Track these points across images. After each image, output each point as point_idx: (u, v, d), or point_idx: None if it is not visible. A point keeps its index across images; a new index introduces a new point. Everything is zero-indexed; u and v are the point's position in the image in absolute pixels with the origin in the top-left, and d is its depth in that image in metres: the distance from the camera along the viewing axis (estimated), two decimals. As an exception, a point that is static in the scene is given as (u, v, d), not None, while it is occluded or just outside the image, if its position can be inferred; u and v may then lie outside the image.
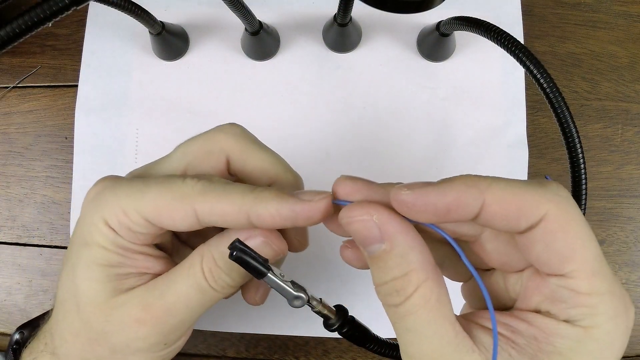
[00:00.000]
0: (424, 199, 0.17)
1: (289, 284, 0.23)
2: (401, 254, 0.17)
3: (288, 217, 0.20)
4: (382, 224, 0.17)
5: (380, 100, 0.37)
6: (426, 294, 0.17)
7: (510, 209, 0.16)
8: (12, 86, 0.40)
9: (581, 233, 0.16)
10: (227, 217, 0.20)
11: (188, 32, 0.38)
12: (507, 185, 0.16)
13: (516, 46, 0.27)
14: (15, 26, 0.17)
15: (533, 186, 0.17)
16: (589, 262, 0.16)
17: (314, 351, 0.37)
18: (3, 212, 0.39)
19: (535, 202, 0.16)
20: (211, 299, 0.22)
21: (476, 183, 0.16)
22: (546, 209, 0.16)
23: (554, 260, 0.17)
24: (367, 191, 0.18)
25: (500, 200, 0.16)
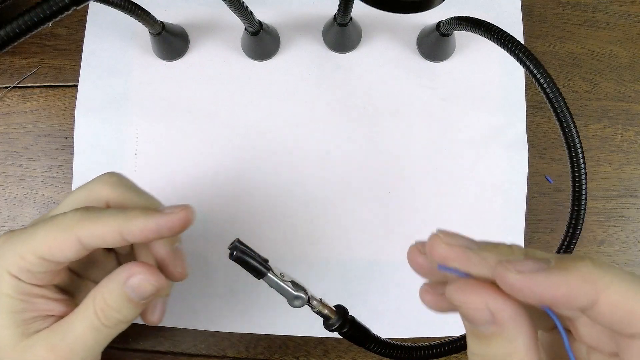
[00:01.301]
0: (532, 287, 0.15)
1: (289, 284, 0.23)
2: (509, 338, 0.16)
3: (154, 229, 0.23)
4: (496, 311, 0.16)
5: (380, 100, 0.37)
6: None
7: (622, 314, 0.15)
8: (12, 86, 0.40)
9: None
10: (105, 237, 0.23)
11: (188, 32, 0.38)
12: (626, 288, 0.15)
13: (516, 46, 0.27)
14: (15, 26, 0.17)
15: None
16: None
17: (314, 351, 0.37)
18: (3, 212, 0.39)
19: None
20: (106, 336, 0.24)
21: (594, 279, 0.15)
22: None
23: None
24: (467, 261, 0.17)
25: (615, 303, 0.15)
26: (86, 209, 0.24)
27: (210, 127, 0.37)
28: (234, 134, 0.37)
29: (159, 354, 0.37)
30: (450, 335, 0.29)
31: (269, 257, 0.24)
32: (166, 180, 0.37)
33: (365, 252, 0.36)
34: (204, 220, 0.37)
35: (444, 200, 0.37)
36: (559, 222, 0.37)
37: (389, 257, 0.36)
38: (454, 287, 0.17)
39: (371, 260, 0.36)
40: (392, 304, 0.36)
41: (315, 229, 0.37)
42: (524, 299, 0.16)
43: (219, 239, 0.37)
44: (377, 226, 0.36)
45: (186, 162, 0.37)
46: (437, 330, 0.36)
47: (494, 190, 0.36)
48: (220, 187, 0.37)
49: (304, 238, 0.36)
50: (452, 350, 0.27)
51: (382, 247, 0.36)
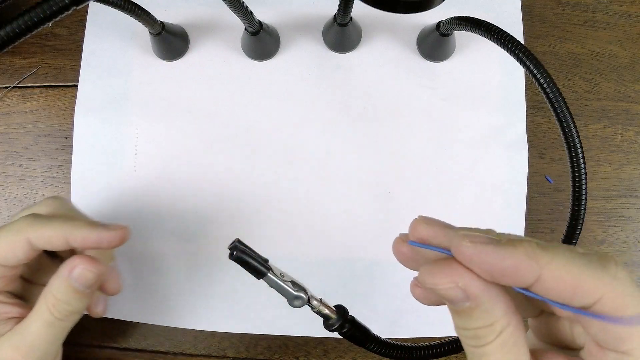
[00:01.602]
0: (481, 257, 0.17)
1: (289, 284, 0.23)
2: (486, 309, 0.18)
3: (95, 239, 0.27)
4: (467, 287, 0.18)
5: (380, 100, 0.37)
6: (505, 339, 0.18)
7: (565, 288, 0.16)
8: (12, 86, 0.40)
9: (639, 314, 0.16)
10: (52, 240, 0.27)
11: (188, 32, 0.38)
12: (567, 262, 0.16)
13: (516, 46, 0.27)
14: (15, 26, 0.17)
15: (592, 267, 0.16)
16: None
17: (314, 351, 0.37)
18: (3, 212, 0.39)
19: (592, 284, 0.16)
20: (62, 329, 0.27)
21: (537, 256, 0.17)
22: (602, 293, 0.16)
23: (610, 341, 0.17)
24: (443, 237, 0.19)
25: (557, 278, 0.16)
26: (35, 216, 0.27)
27: (210, 127, 0.37)
28: (234, 134, 0.37)
29: (159, 354, 0.38)
30: (450, 335, 0.29)
31: (269, 257, 0.24)
32: (166, 180, 0.37)
33: (365, 252, 0.36)
34: (204, 220, 0.37)
35: (444, 200, 0.37)
36: (559, 222, 0.37)
37: (389, 257, 0.36)
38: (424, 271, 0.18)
39: (371, 260, 0.36)
40: (392, 304, 0.36)
41: (316, 229, 0.37)
42: (477, 270, 0.17)
43: (219, 239, 0.37)
44: (377, 226, 0.36)
45: (186, 162, 0.37)
46: (437, 330, 0.36)
47: (494, 190, 0.36)
48: (220, 187, 0.37)
49: (304, 238, 0.36)
50: (452, 350, 0.27)
51: (382, 247, 0.36)
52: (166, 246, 0.37)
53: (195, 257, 0.37)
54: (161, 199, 0.37)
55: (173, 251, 0.37)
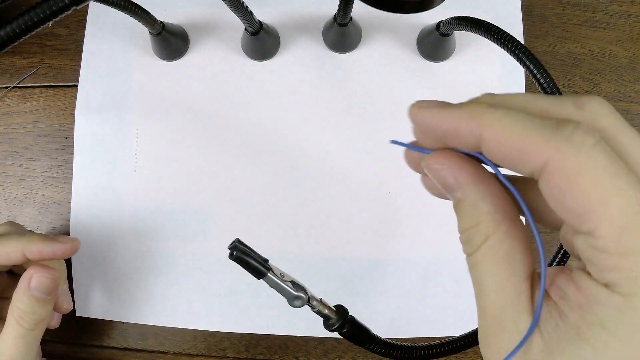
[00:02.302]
0: (424, 119, 0.16)
1: (289, 284, 0.23)
2: (472, 203, 0.16)
3: (50, 252, 0.30)
4: (455, 173, 0.17)
5: (380, 100, 0.37)
6: (494, 247, 0.16)
7: (507, 151, 0.15)
8: (12, 86, 0.40)
9: (596, 184, 0.13)
10: (10, 255, 0.29)
11: (188, 32, 0.38)
12: (513, 122, 0.14)
13: (516, 46, 0.27)
14: (15, 26, 0.17)
15: (542, 127, 0.14)
16: (613, 218, 0.13)
17: (314, 351, 0.37)
18: (3, 212, 0.39)
19: (535, 147, 0.14)
20: (34, 337, 0.30)
21: (480, 115, 0.15)
22: (546, 157, 0.14)
23: (570, 217, 0.14)
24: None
25: (498, 139, 0.15)
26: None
27: (211, 127, 0.37)
28: (234, 133, 0.37)
29: (159, 354, 0.38)
30: (450, 335, 0.29)
31: (269, 257, 0.24)
32: (166, 180, 0.37)
33: (365, 252, 0.36)
34: (204, 220, 0.37)
35: (443, 200, 0.36)
36: (559, 222, 0.37)
37: (389, 257, 0.36)
38: (426, 158, 0.18)
39: (371, 260, 0.36)
40: (392, 304, 0.36)
41: (316, 229, 0.37)
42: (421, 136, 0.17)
43: (219, 239, 0.37)
44: (377, 226, 0.36)
45: (186, 162, 0.37)
46: (437, 330, 0.36)
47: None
48: (220, 187, 0.37)
49: (304, 238, 0.36)
50: (452, 350, 0.27)
51: (382, 247, 0.36)
52: (166, 246, 0.37)
53: (195, 257, 0.37)
54: (161, 199, 0.37)
55: (173, 251, 0.37)
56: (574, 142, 0.14)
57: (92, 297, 0.37)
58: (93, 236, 0.37)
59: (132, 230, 0.37)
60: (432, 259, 0.36)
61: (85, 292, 0.37)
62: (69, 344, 0.38)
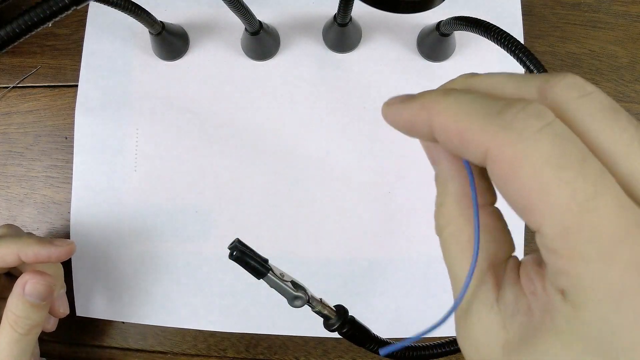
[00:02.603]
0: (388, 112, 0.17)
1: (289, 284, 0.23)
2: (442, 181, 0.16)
3: (45, 255, 0.30)
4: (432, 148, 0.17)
5: (380, 100, 0.37)
6: (456, 231, 0.16)
7: (451, 139, 0.14)
8: (12, 86, 0.40)
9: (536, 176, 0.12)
10: (5, 258, 0.29)
11: (188, 32, 0.38)
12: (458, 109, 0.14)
13: (516, 46, 0.27)
14: (15, 26, 0.17)
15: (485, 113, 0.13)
16: (556, 215, 0.12)
17: (314, 351, 0.37)
18: (3, 212, 0.39)
19: (474, 133, 0.13)
20: (28, 342, 0.30)
21: (431, 105, 0.14)
22: (485, 145, 0.13)
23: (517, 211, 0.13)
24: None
25: (443, 127, 0.14)
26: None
27: (210, 127, 0.37)
28: (234, 133, 0.37)
29: (159, 354, 0.38)
30: (450, 335, 0.29)
31: (269, 257, 0.24)
32: (166, 180, 0.37)
33: (365, 252, 0.36)
34: (204, 220, 0.37)
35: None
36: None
37: (389, 257, 0.36)
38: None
39: (371, 260, 0.36)
40: (392, 304, 0.36)
41: (316, 229, 0.37)
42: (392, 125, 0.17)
43: (219, 239, 0.37)
44: (377, 226, 0.36)
45: (186, 162, 0.37)
46: (437, 330, 0.36)
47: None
48: (220, 187, 0.37)
49: (304, 238, 0.36)
50: (452, 350, 0.27)
51: (382, 247, 0.36)
52: (166, 246, 0.37)
53: (195, 257, 0.37)
54: (161, 199, 0.37)
55: (173, 251, 0.37)
56: (513, 128, 0.12)
57: (92, 297, 0.37)
58: (93, 236, 0.37)
59: (132, 230, 0.37)
60: (432, 259, 0.36)
61: (85, 292, 0.37)
62: (69, 344, 0.38)
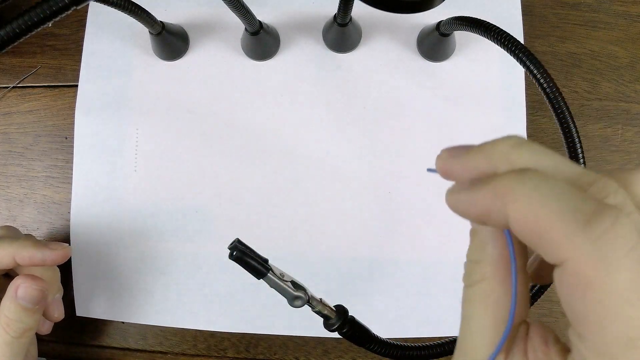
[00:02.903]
0: (458, 204, 0.16)
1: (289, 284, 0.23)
2: (481, 242, 0.17)
3: (40, 258, 0.30)
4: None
5: (380, 100, 0.37)
6: (487, 290, 0.16)
7: (529, 234, 0.13)
8: (12, 86, 0.40)
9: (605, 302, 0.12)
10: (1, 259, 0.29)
11: (188, 32, 0.38)
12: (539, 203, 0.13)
13: (516, 46, 0.27)
14: (15, 26, 0.17)
15: (571, 216, 0.12)
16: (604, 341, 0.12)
17: (314, 351, 0.37)
18: (3, 212, 0.39)
19: (557, 243, 0.12)
20: (20, 345, 0.29)
21: (504, 193, 0.14)
22: (566, 257, 0.12)
23: (569, 314, 0.13)
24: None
25: (521, 220, 0.13)
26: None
27: (210, 127, 0.37)
28: (233, 134, 0.37)
29: (159, 353, 0.38)
30: (450, 335, 0.29)
31: (269, 257, 0.24)
32: (166, 180, 0.37)
33: (365, 252, 0.36)
34: (204, 220, 0.37)
35: (444, 200, 0.36)
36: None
37: (389, 257, 0.36)
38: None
39: (371, 260, 0.36)
40: (392, 304, 0.36)
41: (316, 229, 0.37)
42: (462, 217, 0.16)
43: (219, 239, 0.37)
44: (377, 226, 0.36)
45: (186, 162, 0.37)
46: (437, 330, 0.36)
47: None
48: (220, 187, 0.37)
49: (304, 238, 0.36)
50: (452, 350, 0.27)
51: (382, 247, 0.36)
52: (166, 246, 0.37)
53: (195, 257, 0.37)
54: (161, 199, 0.37)
55: (173, 251, 0.37)
56: (601, 247, 0.12)
57: (92, 297, 0.37)
58: (93, 236, 0.37)
59: (132, 230, 0.37)
60: (432, 259, 0.36)
61: (85, 292, 0.37)
62: (69, 344, 0.38)
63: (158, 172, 0.37)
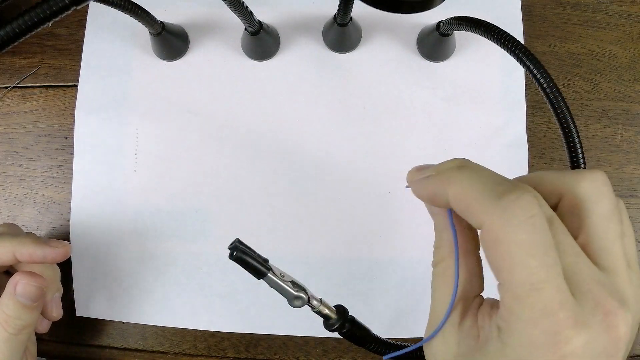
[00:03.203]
0: (413, 185, 0.22)
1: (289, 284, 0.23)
2: (439, 229, 0.22)
3: (40, 256, 0.30)
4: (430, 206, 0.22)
5: (380, 100, 0.37)
6: (444, 268, 0.21)
7: (461, 208, 0.18)
8: (12, 86, 0.40)
9: (513, 256, 0.16)
10: (1, 256, 0.29)
11: (188, 32, 0.38)
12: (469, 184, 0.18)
13: (516, 46, 0.27)
14: (15, 26, 0.17)
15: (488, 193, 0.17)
16: (515, 285, 0.16)
17: (314, 351, 0.37)
18: (3, 212, 0.39)
19: (477, 211, 0.17)
20: (18, 342, 0.29)
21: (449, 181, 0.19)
22: (483, 221, 0.17)
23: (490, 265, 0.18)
24: None
25: (456, 197, 0.18)
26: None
27: (210, 127, 0.37)
28: (233, 134, 0.37)
29: (159, 353, 0.38)
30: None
31: (269, 257, 0.24)
32: (166, 180, 0.37)
33: (365, 252, 0.36)
34: (204, 220, 0.37)
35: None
36: (559, 222, 0.37)
37: (389, 257, 0.36)
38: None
39: (371, 260, 0.36)
40: (392, 304, 0.36)
41: (316, 229, 0.37)
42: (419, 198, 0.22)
43: (219, 239, 0.37)
44: (377, 226, 0.36)
45: (186, 162, 0.37)
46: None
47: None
48: (220, 187, 0.37)
49: (304, 238, 0.36)
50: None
51: (382, 247, 0.36)
52: (166, 246, 0.37)
53: (195, 257, 0.37)
54: (161, 199, 0.37)
55: (173, 251, 0.37)
56: (505, 213, 0.17)
57: (92, 297, 0.37)
58: (93, 236, 0.37)
59: (132, 230, 0.37)
60: (432, 259, 0.36)
61: (85, 292, 0.37)
62: (69, 344, 0.38)
63: (158, 172, 0.37)
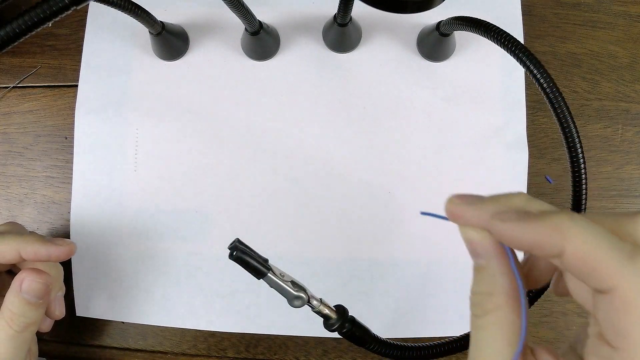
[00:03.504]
0: (503, 233, 0.18)
1: (289, 284, 0.23)
2: (492, 274, 0.19)
3: (45, 254, 0.30)
4: (483, 245, 0.19)
5: (380, 100, 0.37)
6: (500, 317, 0.18)
7: (582, 267, 0.16)
8: (12, 86, 0.40)
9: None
10: (5, 254, 0.29)
11: (188, 32, 0.38)
12: (591, 241, 0.16)
13: (516, 46, 0.27)
14: (15, 26, 0.17)
15: (617, 252, 0.16)
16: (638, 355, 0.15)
17: (314, 351, 0.37)
18: (3, 212, 0.39)
19: (610, 271, 0.15)
20: (23, 340, 0.29)
21: (564, 230, 0.16)
22: (616, 283, 0.15)
23: (610, 332, 0.16)
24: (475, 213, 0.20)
25: (579, 255, 0.16)
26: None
27: (210, 127, 0.37)
28: (233, 134, 0.37)
29: (159, 353, 0.38)
30: (450, 335, 0.29)
31: (269, 257, 0.24)
32: (166, 180, 0.37)
33: (365, 252, 0.36)
34: (204, 220, 0.37)
35: (443, 200, 0.36)
36: (559, 222, 0.37)
37: (389, 257, 0.36)
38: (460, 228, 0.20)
39: (371, 260, 0.36)
40: (392, 304, 0.36)
41: (316, 229, 0.37)
42: (507, 243, 0.18)
43: (219, 239, 0.37)
44: (377, 226, 0.36)
45: (186, 162, 0.37)
46: (437, 330, 0.36)
47: (493, 190, 0.36)
48: (220, 187, 0.37)
49: (304, 238, 0.36)
50: (452, 350, 0.28)
51: (382, 247, 0.36)
52: (166, 246, 0.37)
53: (195, 257, 0.37)
54: (161, 199, 0.37)
55: (173, 251, 0.37)
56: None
57: (92, 297, 0.37)
58: (93, 236, 0.37)
59: (132, 230, 0.37)
60: (432, 259, 0.36)
61: (85, 292, 0.37)
62: (69, 344, 0.38)
63: (158, 172, 0.37)
